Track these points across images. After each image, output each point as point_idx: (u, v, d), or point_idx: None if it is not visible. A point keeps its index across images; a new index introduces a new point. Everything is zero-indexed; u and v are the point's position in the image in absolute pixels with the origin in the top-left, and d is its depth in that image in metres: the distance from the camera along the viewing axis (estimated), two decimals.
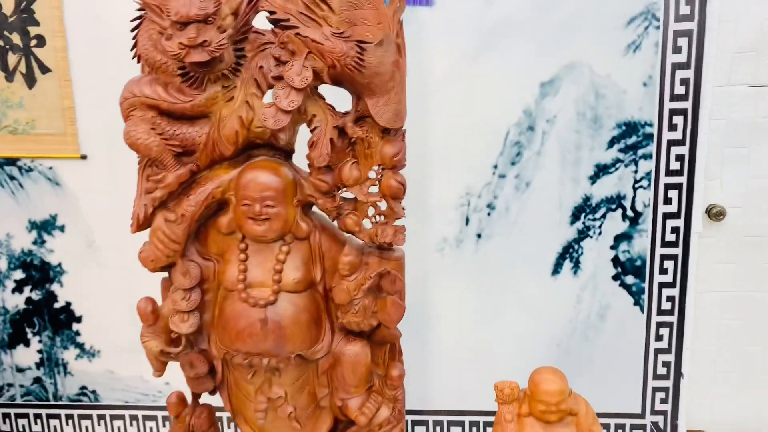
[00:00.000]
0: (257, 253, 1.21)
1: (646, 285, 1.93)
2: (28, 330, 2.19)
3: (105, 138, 2.00)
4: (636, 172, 1.86)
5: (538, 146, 1.88)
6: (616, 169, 1.86)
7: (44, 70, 1.98)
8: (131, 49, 1.22)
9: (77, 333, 2.19)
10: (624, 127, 1.83)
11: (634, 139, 1.83)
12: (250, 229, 1.17)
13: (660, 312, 1.94)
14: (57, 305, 2.16)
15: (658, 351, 1.97)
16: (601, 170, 1.87)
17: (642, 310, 1.95)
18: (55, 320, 2.18)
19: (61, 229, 2.10)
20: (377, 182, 1.22)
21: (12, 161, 2.07)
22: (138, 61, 1.22)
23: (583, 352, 1.99)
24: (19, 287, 2.16)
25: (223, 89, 1.17)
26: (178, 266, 1.22)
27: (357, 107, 1.19)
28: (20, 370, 2.22)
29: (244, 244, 1.21)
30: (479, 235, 1.97)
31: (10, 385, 2.24)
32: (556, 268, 1.95)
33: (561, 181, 1.89)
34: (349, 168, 1.19)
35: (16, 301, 2.16)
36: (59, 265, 2.14)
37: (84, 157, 2.02)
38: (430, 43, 1.85)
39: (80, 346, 2.19)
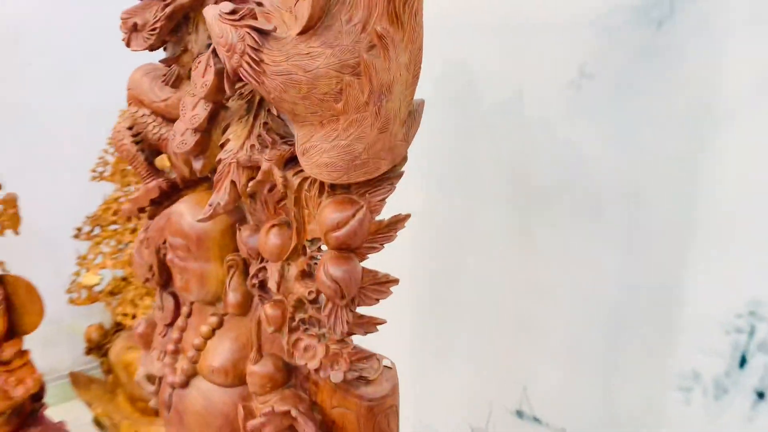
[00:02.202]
0: (199, 312, 0.90)
1: None
2: None
3: None
4: None
5: None
6: None
7: None
8: None
9: None
10: None
11: None
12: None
13: None
14: None
15: None
16: None
17: None
18: None
19: None
20: (309, 265, 0.72)
21: None
22: None
23: None
24: None
25: None
26: (156, 296, 1.01)
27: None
28: None
29: None
30: (761, 395, 1.06)
31: None
32: None
33: None
34: (265, 232, 0.73)
35: None
36: None
37: None
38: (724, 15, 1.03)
39: None
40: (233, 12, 0.64)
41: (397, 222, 0.71)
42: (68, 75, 2.17)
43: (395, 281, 0.74)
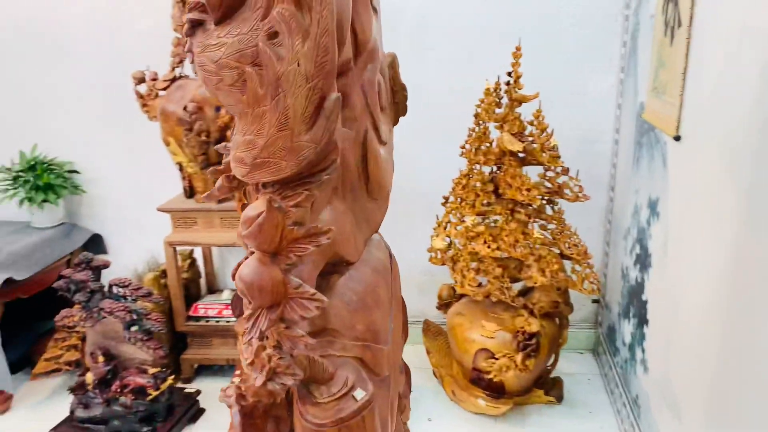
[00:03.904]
0: None
1: None
2: (631, 308, 2.02)
3: (704, 118, 1.46)
4: None
5: None
6: None
7: (679, 23, 1.58)
8: None
9: (643, 336, 1.85)
10: None
11: None
12: None
13: None
14: (643, 297, 1.88)
15: None
16: None
17: None
18: (639, 311, 1.91)
19: (658, 216, 1.75)
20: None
21: (652, 128, 1.81)
22: None
23: None
24: (635, 262, 1.98)
25: None
26: None
27: None
28: (623, 343, 2.11)
29: None
30: None
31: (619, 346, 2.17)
32: None
33: None
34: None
35: (635, 275, 2.00)
36: (650, 256, 1.81)
37: (677, 139, 1.56)
38: None
39: (643, 351, 1.86)
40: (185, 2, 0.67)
41: (315, 235, 0.62)
42: (464, 59, 2.38)
43: (320, 300, 0.64)
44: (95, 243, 2.78)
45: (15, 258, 2.37)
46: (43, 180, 2.51)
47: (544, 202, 2.10)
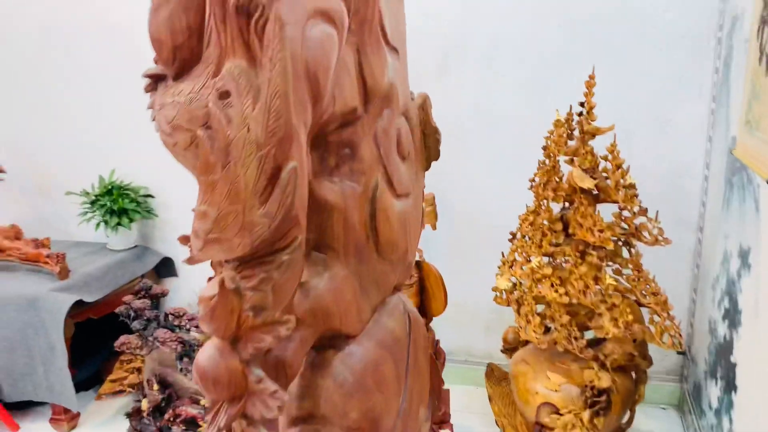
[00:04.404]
0: None
1: None
2: (718, 368, 1.78)
3: None
4: None
5: None
6: None
7: None
8: None
9: (731, 404, 1.62)
10: None
11: None
12: None
13: None
14: (731, 359, 1.64)
15: None
16: None
17: None
18: (728, 374, 1.67)
19: (749, 268, 1.52)
20: None
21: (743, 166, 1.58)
22: None
23: None
24: (723, 317, 1.74)
25: None
26: None
27: None
28: (709, 406, 1.87)
29: None
30: None
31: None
32: None
33: None
34: None
35: (723, 332, 1.77)
36: (740, 313, 1.58)
37: None
38: None
39: (731, 421, 1.62)
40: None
41: (274, 324, 0.53)
42: (538, 85, 2.24)
43: (281, 400, 0.55)
44: (166, 266, 2.84)
45: (87, 279, 2.45)
46: (118, 205, 2.59)
47: (620, 244, 1.91)
